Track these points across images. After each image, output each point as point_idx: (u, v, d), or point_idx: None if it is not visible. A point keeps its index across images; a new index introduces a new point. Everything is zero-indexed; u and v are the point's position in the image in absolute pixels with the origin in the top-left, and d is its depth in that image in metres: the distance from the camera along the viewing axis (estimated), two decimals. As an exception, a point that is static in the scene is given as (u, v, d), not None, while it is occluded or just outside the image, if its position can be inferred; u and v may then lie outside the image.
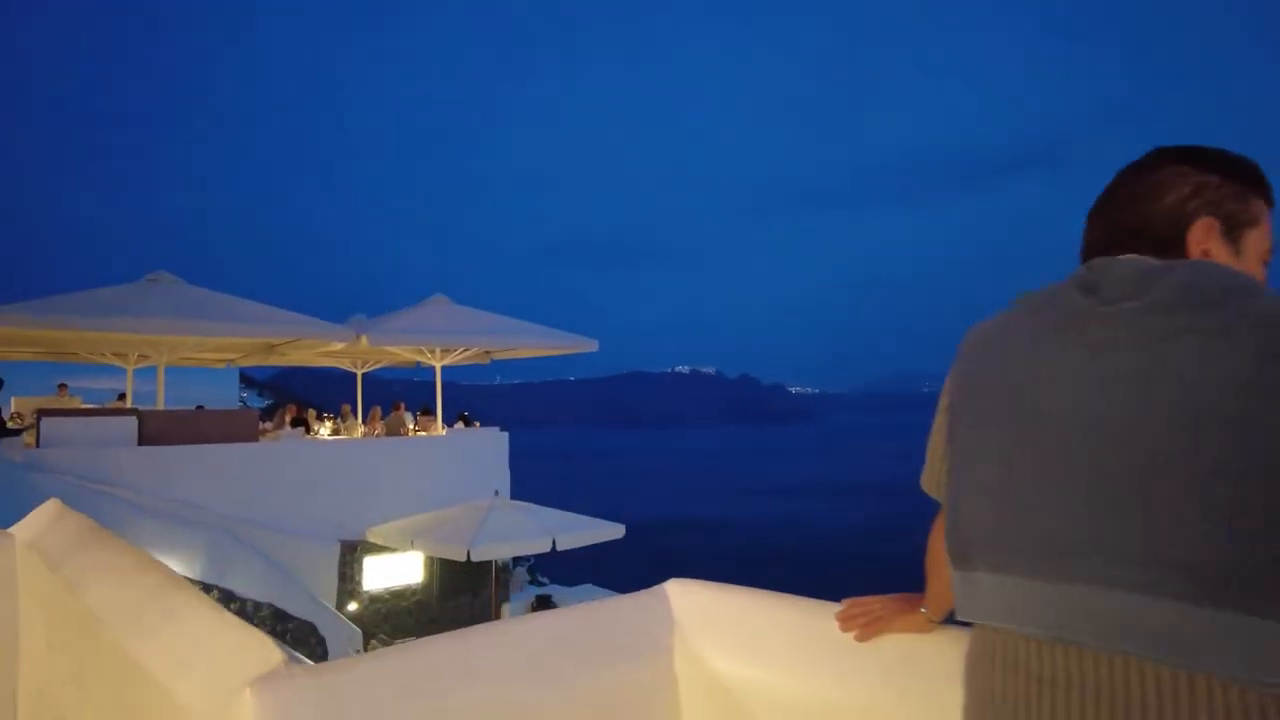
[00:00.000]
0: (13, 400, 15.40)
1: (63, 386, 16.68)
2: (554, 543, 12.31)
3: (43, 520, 2.81)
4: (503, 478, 15.46)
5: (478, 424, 16.80)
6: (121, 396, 17.12)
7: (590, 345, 16.75)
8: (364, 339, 13.36)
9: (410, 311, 15.81)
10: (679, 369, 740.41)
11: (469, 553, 11.27)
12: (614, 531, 13.41)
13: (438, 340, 14.74)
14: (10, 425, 11.97)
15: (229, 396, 24.90)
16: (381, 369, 20.78)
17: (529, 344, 16.02)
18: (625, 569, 13.41)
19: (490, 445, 15.51)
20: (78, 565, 2.07)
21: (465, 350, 16.02)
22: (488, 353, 18.50)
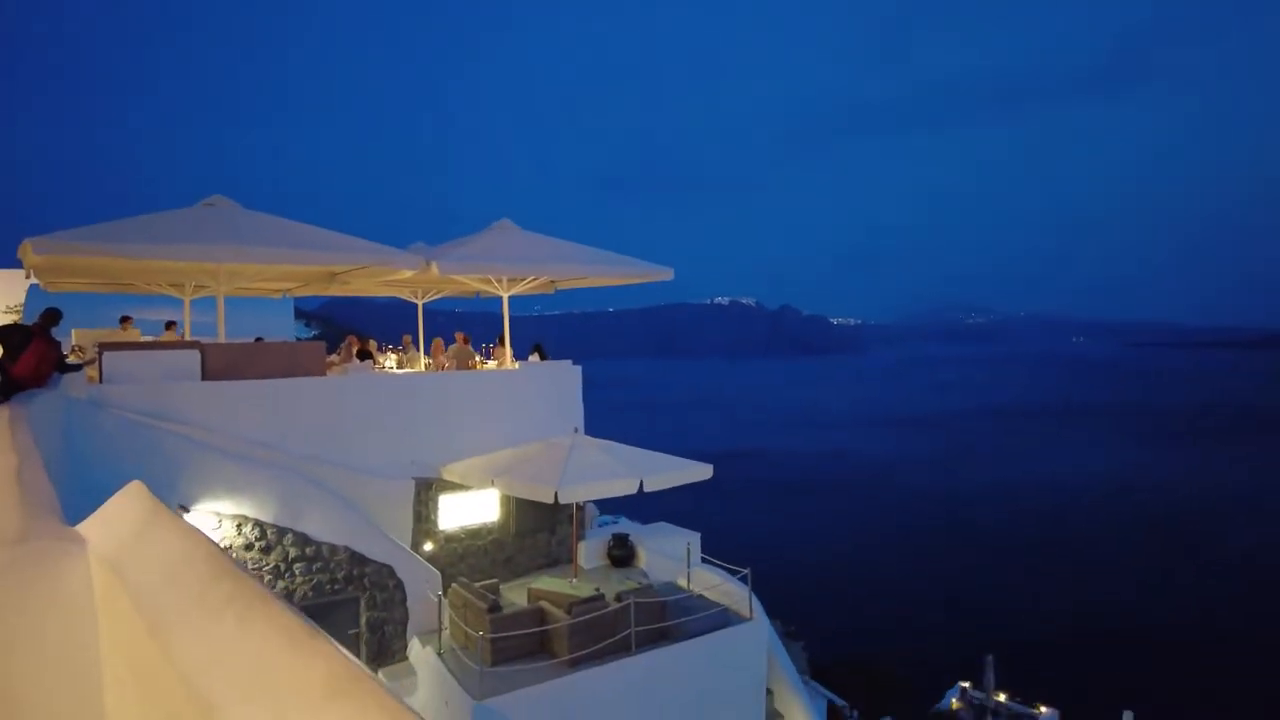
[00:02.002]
0: (73, 333, 14.88)
1: (126, 319, 15.96)
2: (641, 484, 11.51)
3: (125, 525, 1.89)
4: (576, 413, 14.64)
5: (549, 356, 15.89)
6: (170, 324, 16.47)
7: (665, 274, 15.62)
8: (434, 267, 12.41)
9: (476, 238, 14.80)
10: (718, 300, 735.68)
11: (556, 494, 10.51)
12: (701, 472, 12.57)
13: (509, 269, 13.74)
14: (71, 360, 11.37)
15: (285, 328, 24.35)
16: (435, 299, 19.92)
17: (601, 273, 14.94)
18: (685, 500, 12.61)
19: (564, 379, 14.65)
20: (189, 644, 1.13)
21: (533, 280, 15.03)
22: (553, 282, 17.49)
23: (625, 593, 11.07)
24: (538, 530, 14.19)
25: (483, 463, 12.38)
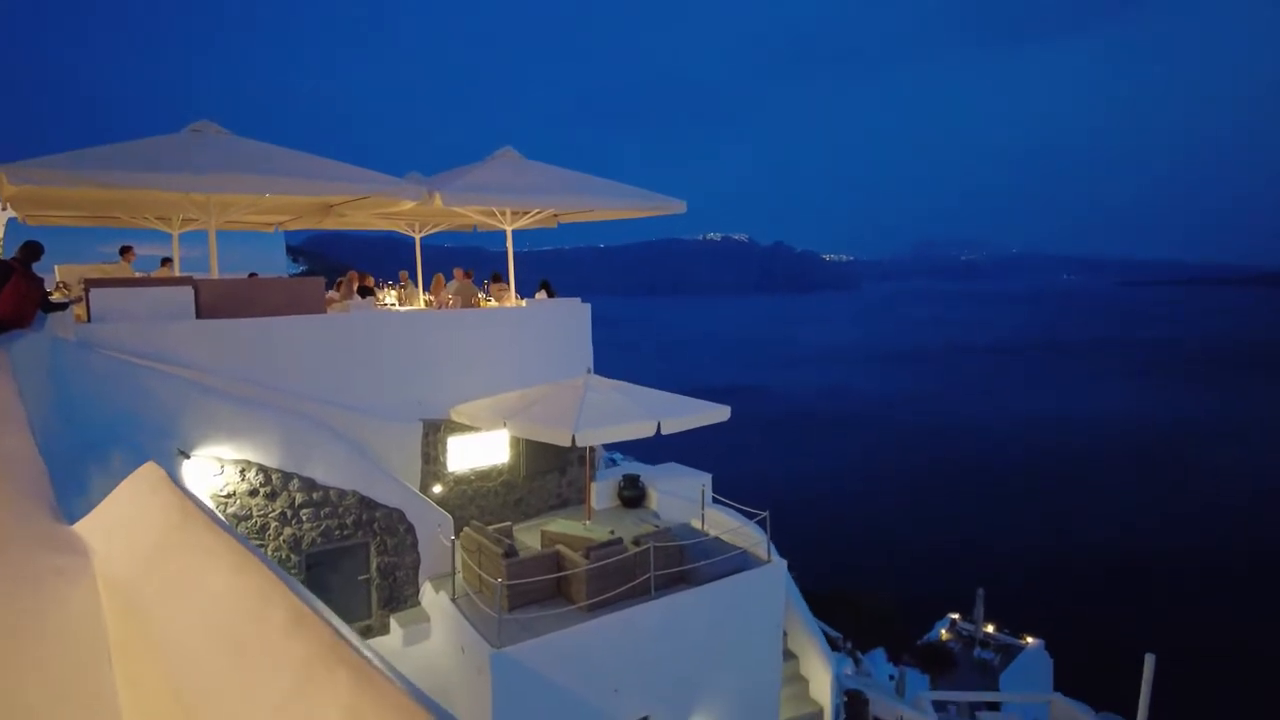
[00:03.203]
0: (56, 269, 14.12)
1: (127, 249, 14.58)
2: (659, 426, 11.11)
3: (142, 531, 1.40)
4: (586, 353, 14.16)
5: (557, 293, 15.29)
6: (166, 261, 15.69)
7: (678, 206, 14.93)
8: (437, 198, 11.71)
9: (478, 168, 14.00)
10: (710, 236, 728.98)
11: (573, 437, 10.09)
12: (719, 414, 12.16)
13: (519, 200, 13.02)
14: (56, 298, 10.73)
15: (276, 263, 23.49)
16: (431, 233, 19.14)
17: (612, 205, 14.22)
18: (683, 438, 12.19)
19: (573, 317, 14.11)
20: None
21: (539, 212, 14.34)
22: (556, 215, 16.78)
23: (644, 536, 10.78)
24: (548, 471, 13.86)
25: (493, 404, 11.92)
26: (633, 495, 14.54)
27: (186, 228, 14.99)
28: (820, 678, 13.23)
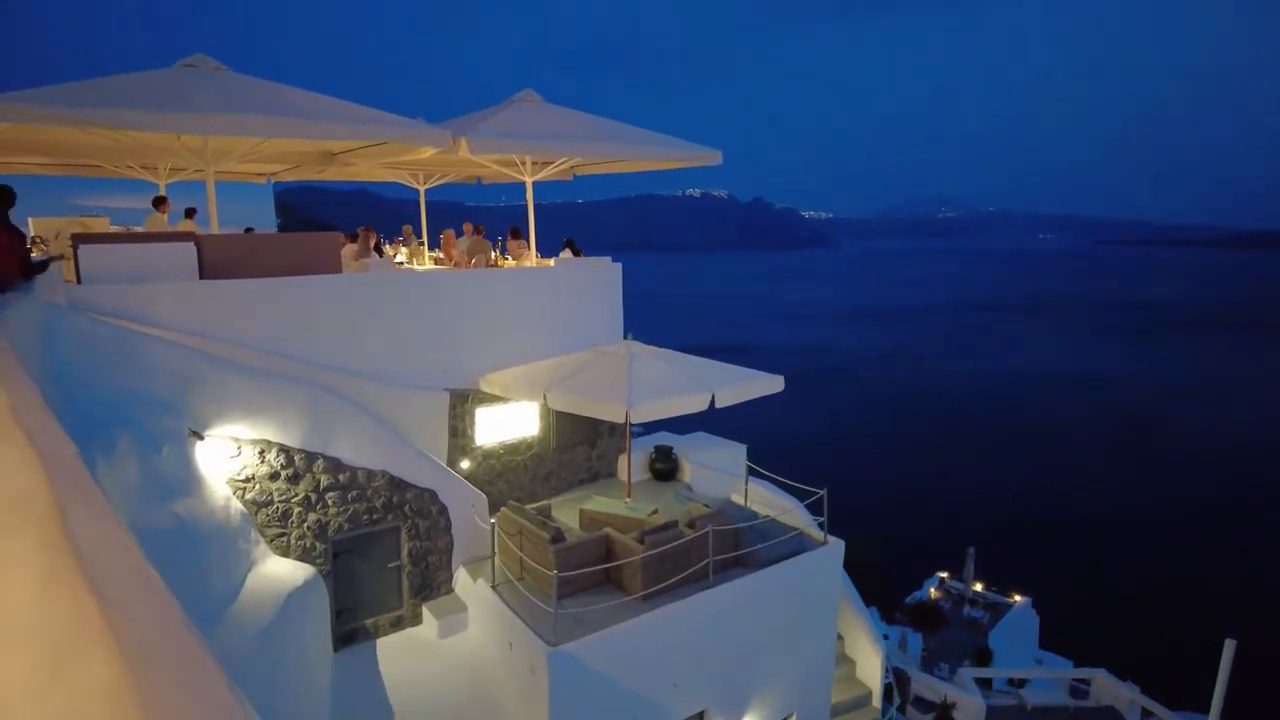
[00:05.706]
0: (31, 221, 12.64)
1: (161, 200, 12.18)
2: (713, 399, 10.18)
3: None
4: (617, 317, 13.13)
5: (583, 252, 14.17)
6: (191, 211, 13.92)
7: (713, 157, 13.79)
8: (462, 144, 10.50)
9: (499, 112, 12.73)
10: (690, 192, 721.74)
11: (627, 413, 9.12)
12: (773, 384, 11.28)
13: (551, 147, 11.81)
14: (35, 254, 9.45)
15: (266, 218, 21.93)
16: (438, 183, 17.80)
17: (647, 155, 13.04)
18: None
19: (605, 278, 13.03)
20: None
21: (564, 162, 13.14)
22: (574, 167, 15.58)
23: (700, 518, 9.90)
24: (578, 444, 12.91)
25: (528, 373, 10.90)
26: (665, 468, 13.66)
27: (174, 177, 13.62)
28: (869, 658, 12.60)
